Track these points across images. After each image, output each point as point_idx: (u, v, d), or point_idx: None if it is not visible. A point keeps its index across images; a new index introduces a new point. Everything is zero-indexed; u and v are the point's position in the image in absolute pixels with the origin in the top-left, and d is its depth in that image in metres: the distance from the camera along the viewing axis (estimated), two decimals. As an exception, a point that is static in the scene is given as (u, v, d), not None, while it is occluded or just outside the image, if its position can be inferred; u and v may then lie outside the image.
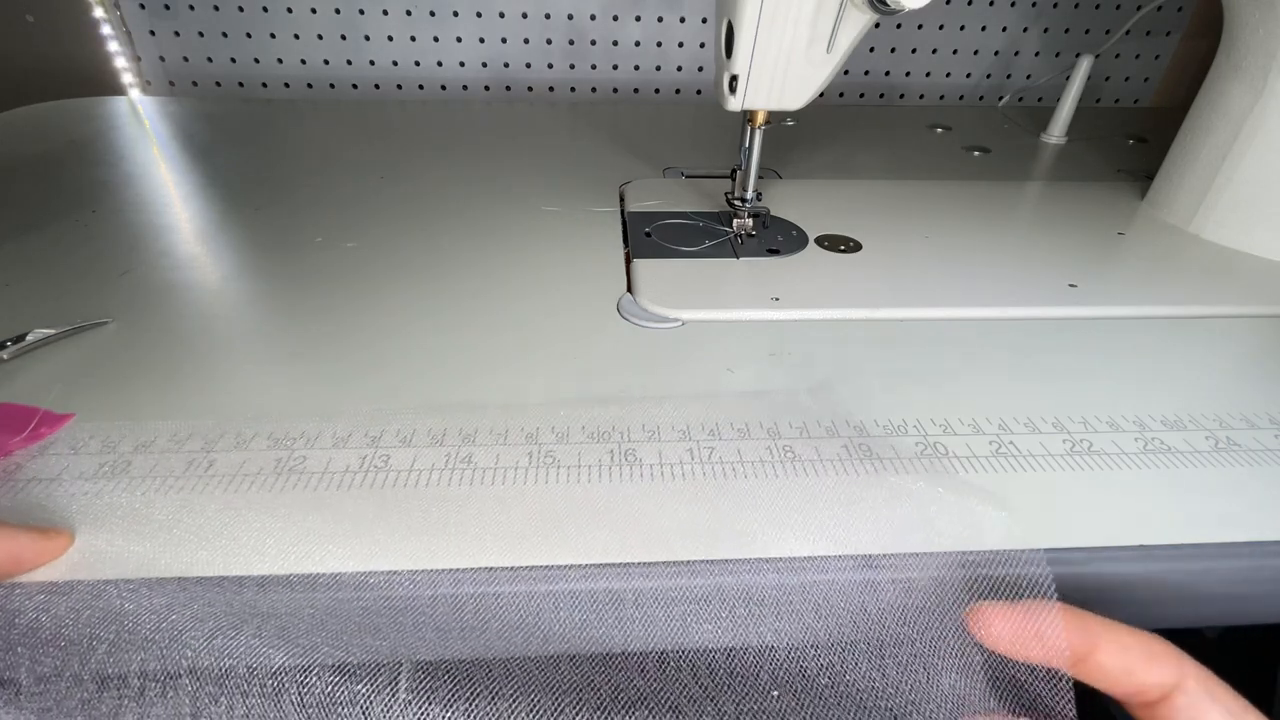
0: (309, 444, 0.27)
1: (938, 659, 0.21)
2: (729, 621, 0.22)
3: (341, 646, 0.21)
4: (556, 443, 0.27)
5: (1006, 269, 0.41)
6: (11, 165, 0.52)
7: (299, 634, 0.21)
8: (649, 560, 0.23)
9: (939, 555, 0.23)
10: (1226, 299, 0.39)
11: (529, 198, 0.49)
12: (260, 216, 0.46)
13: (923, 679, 0.21)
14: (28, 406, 0.28)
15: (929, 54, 0.77)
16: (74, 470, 0.25)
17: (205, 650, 0.21)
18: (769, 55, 0.36)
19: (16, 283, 0.38)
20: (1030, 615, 0.19)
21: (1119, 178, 0.55)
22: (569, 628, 0.22)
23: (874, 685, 0.21)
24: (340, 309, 0.36)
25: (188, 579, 0.22)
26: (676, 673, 0.22)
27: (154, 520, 0.23)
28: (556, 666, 0.22)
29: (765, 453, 0.27)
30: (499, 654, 0.22)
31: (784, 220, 0.46)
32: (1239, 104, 0.42)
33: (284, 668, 0.21)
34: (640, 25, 0.73)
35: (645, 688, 0.22)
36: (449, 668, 0.22)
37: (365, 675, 0.21)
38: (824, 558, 0.23)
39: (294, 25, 0.71)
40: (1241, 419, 0.30)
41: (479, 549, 0.23)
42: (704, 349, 0.34)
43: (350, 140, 0.59)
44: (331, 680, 0.21)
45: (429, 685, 0.21)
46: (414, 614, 0.22)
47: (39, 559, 0.22)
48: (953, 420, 0.29)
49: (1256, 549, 0.24)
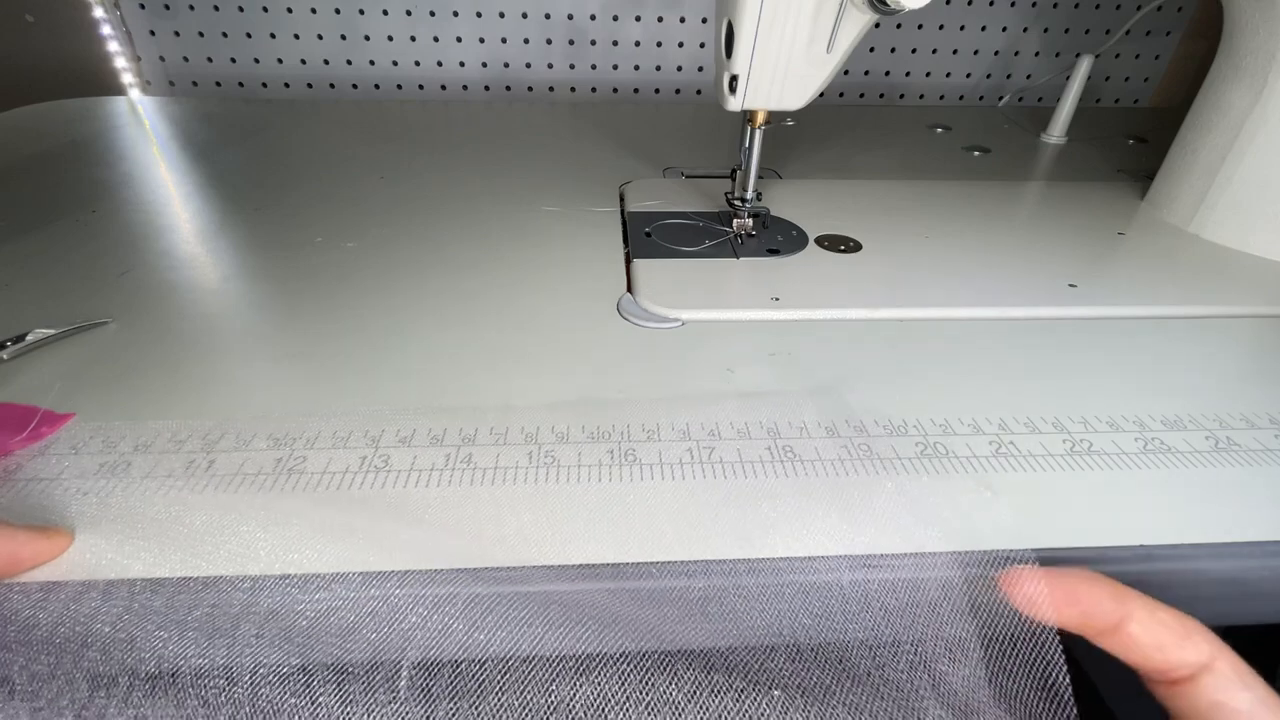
0: (309, 444, 0.27)
1: (940, 659, 0.21)
2: (729, 621, 0.22)
3: (341, 646, 0.21)
4: (556, 443, 0.27)
5: (1006, 269, 0.41)
6: (11, 165, 0.52)
7: (299, 634, 0.21)
8: (649, 560, 0.23)
9: (939, 555, 0.23)
10: (1226, 299, 0.39)
11: (529, 198, 0.49)
12: (260, 216, 0.46)
13: (925, 679, 0.21)
14: (28, 406, 0.28)
15: (929, 54, 0.77)
16: (75, 470, 0.25)
17: (206, 651, 0.21)
18: (769, 55, 0.36)
19: (16, 283, 0.38)
20: (1065, 578, 0.19)
21: (1119, 178, 0.55)
22: (568, 628, 0.22)
23: (875, 685, 0.21)
24: (340, 309, 0.36)
25: (188, 579, 0.22)
26: (676, 673, 0.22)
27: (154, 520, 0.23)
28: (555, 667, 0.22)
29: (765, 453, 0.27)
30: (499, 654, 0.22)
31: (784, 220, 0.46)
32: (1239, 104, 0.42)
33: (284, 668, 0.21)
34: (640, 25, 0.73)
35: (645, 688, 0.22)
36: (449, 668, 0.22)
37: (365, 675, 0.21)
38: (824, 558, 0.23)
39: (294, 25, 0.71)
40: (1241, 419, 0.30)
41: (479, 549, 0.23)
42: (704, 349, 0.34)
43: (350, 140, 0.59)
44: (331, 680, 0.21)
45: (429, 685, 0.21)
46: (414, 614, 0.22)
47: (38, 558, 0.22)
48: (953, 420, 0.29)
49: (1256, 549, 0.24)
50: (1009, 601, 0.20)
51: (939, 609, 0.22)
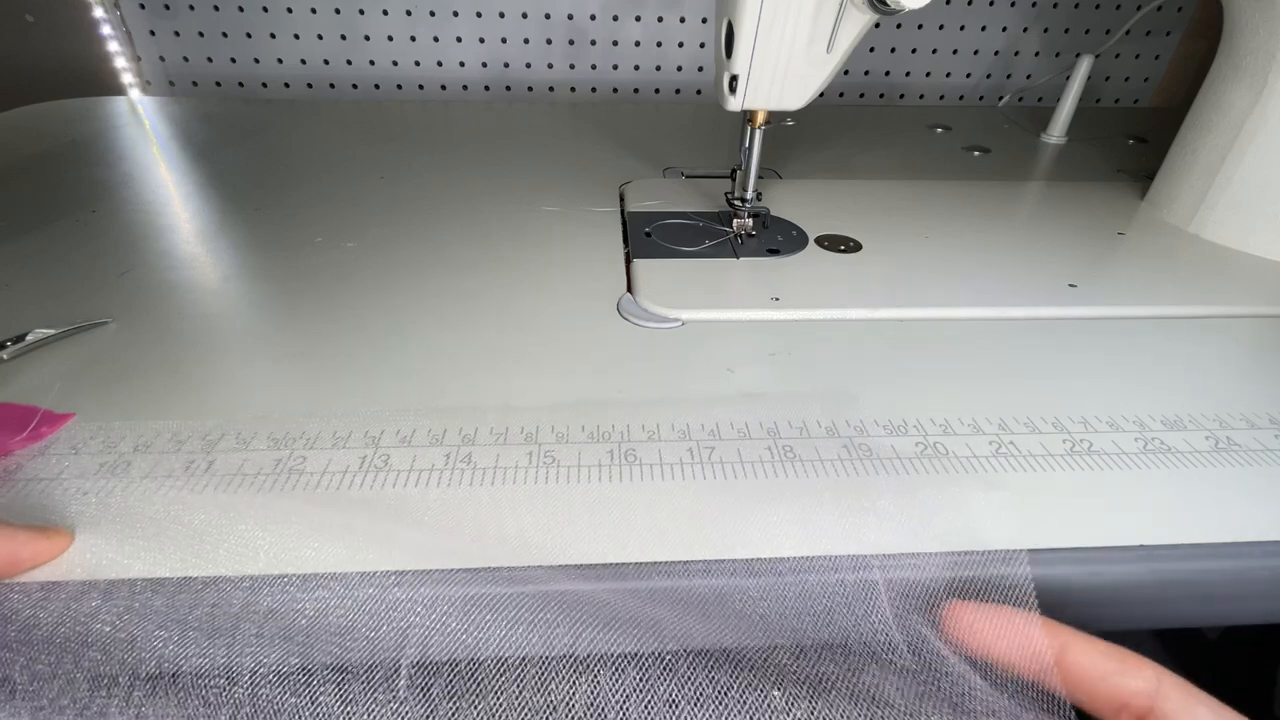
0: (309, 444, 0.27)
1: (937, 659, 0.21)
2: (729, 621, 0.22)
3: (341, 646, 0.21)
4: (556, 443, 0.27)
5: (1006, 269, 0.41)
6: (11, 165, 0.52)
7: (299, 633, 0.21)
8: (649, 560, 0.23)
9: (938, 555, 0.23)
10: (1226, 299, 0.39)
11: (529, 198, 0.49)
12: (260, 216, 0.46)
13: (926, 679, 0.21)
14: (28, 406, 0.28)
15: (929, 54, 0.77)
16: (75, 470, 0.25)
17: (206, 650, 0.21)
18: (769, 55, 0.36)
19: (16, 283, 0.38)
20: (1003, 614, 0.19)
21: (1119, 178, 0.55)
22: (568, 628, 0.22)
23: (875, 684, 0.21)
24: (340, 309, 0.36)
25: (188, 579, 0.22)
26: (677, 673, 0.22)
27: (153, 519, 0.23)
28: (555, 666, 0.22)
29: (765, 453, 0.27)
30: (498, 654, 0.22)
31: (784, 220, 0.46)
32: (1239, 104, 0.42)
33: (284, 667, 0.21)
34: (640, 25, 0.73)
35: (645, 688, 0.22)
36: (448, 667, 0.22)
37: (365, 675, 0.21)
38: (824, 557, 0.23)
39: (294, 25, 0.71)
40: (1241, 419, 0.30)
41: (479, 549, 0.23)
42: (704, 349, 0.34)
43: (350, 140, 0.59)
44: (332, 680, 0.21)
45: (428, 685, 0.21)
46: (413, 614, 0.22)
47: (37, 559, 0.22)
48: (953, 420, 0.29)
49: (1256, 549, 0.24)
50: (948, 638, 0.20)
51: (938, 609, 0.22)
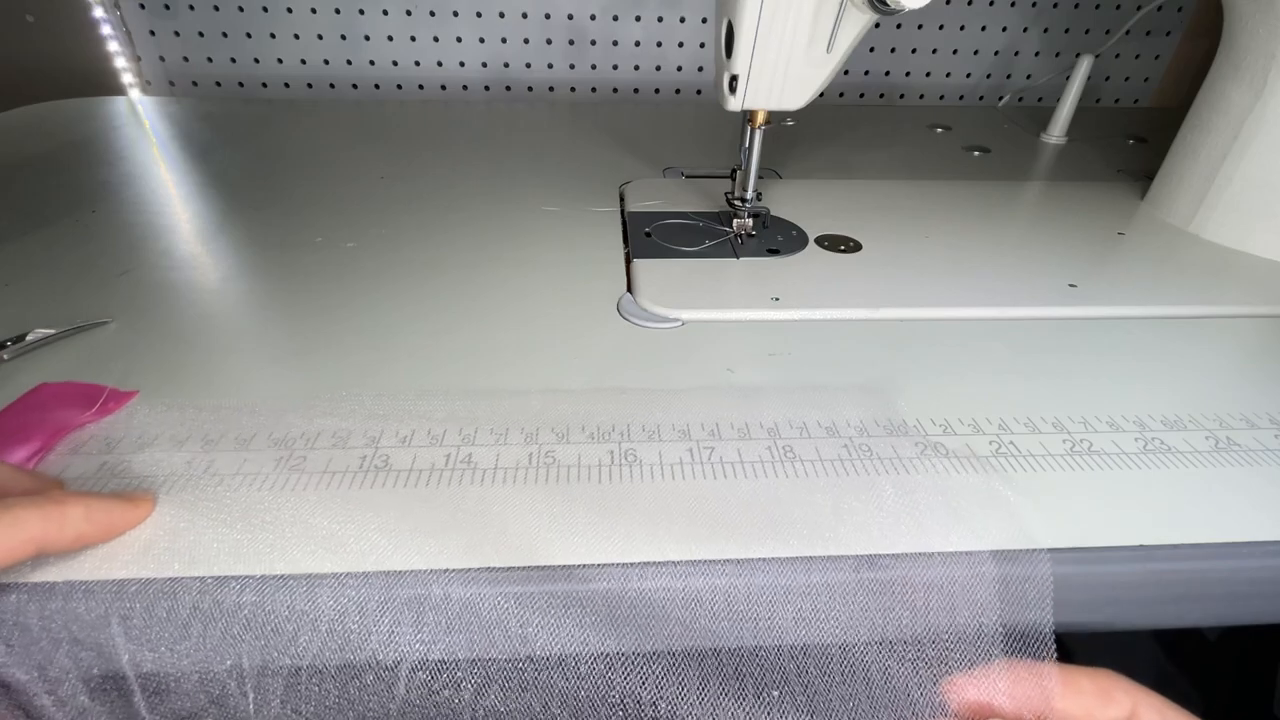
0: (309, 444, 0.27)
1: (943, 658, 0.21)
2: (729, 621, 0.22)
3: (341, 646, 0.21)
4: (556, 443, 0.27)
5: (1006, 269, 0.41)
6: (11, 165, 0.52)
7: (299, 633, 0.21)
8: (649, 560, 0.23)
9: (939, 555, 0.23)
10: (1226, 299, 0.39)
11: (529, 198, 0.49)
12: (260, 216, 0.46)
13: (926, 679, 0.21)
14: (94, 385, 0.30)
15: (929, 54, 0.77)
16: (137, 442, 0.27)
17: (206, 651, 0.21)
18: (769, 55, 0.36)
19: (16, 283, 0.38)
20: (995, 678, 0.20)
21: (1119, 178, 0.55)
22: (568, 628, 0.22)
23: (876, 684, 0.21)
24: (340, 309, 0.36)
25: (187, 579, 0.22)
26: (677, 672, 0.22)
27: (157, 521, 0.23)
28: (554, 666, 0.22)
29: (765, 453, 0.27)
30: (497, 654, 0.22)
31: (784, 220, 0.46)
32: (1239, 104, 0.42)
33: (284, 667, 0.21)
34: (640, 25, 0.73)
35: (644, 687, 0.22)
36: (447, 667, 0.22)
37: (365, 675, 0.21)
38: (824, 558, 0.23)
39: (294, 25, 0.71)
40: (1241, 419, 0.30)
41: (479, 549, 0.23)
42: (704, 349, 0.34)
43: (350, 140, 0.59)
44: (332, 679, 0.21)
45: (428, 684, 0.21)
46: (412, 614, 0.22)
47: (128, 524, 0.23)
48: (953, 420, 0.29)
49: (1256, 549, 0.24)
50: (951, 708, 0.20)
51: (940, 608, 0.22)
